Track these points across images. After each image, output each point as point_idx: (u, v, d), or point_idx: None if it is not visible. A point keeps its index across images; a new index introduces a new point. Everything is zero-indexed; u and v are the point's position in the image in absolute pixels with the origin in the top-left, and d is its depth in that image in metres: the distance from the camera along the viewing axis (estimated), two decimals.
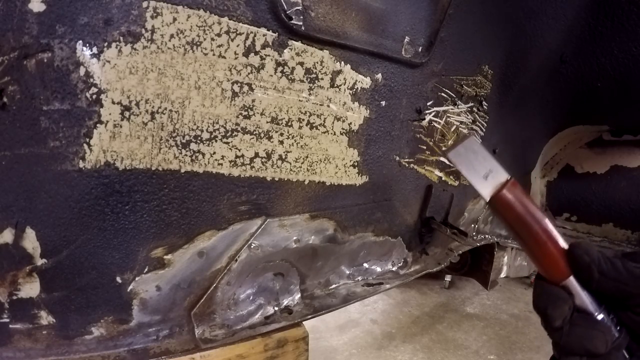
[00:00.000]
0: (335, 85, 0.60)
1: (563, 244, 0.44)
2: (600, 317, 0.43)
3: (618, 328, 0.43)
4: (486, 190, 0.47)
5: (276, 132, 0.56)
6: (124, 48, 0.43)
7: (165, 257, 0.53)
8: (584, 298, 0.44)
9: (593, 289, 0.44)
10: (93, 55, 0.42)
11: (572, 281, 0.44)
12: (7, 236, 0.44)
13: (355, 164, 0.68)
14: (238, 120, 0.53)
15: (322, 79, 0.58)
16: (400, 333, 2.58)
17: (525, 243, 0.45)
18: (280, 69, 0.54)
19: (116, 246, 0.49)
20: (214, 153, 0.52)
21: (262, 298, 0.64)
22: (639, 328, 0.44)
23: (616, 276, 0.43)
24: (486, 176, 0.48)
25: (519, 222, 0.45)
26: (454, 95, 0.80)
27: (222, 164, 0.53)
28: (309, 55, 0.56)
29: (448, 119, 0.79)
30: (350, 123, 0.64)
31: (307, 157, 0.61)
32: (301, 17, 0.52)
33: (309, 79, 0.57)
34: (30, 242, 0.45)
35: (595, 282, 0.44)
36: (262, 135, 0.55)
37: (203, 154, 0.51)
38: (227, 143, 0.53)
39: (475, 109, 0.86)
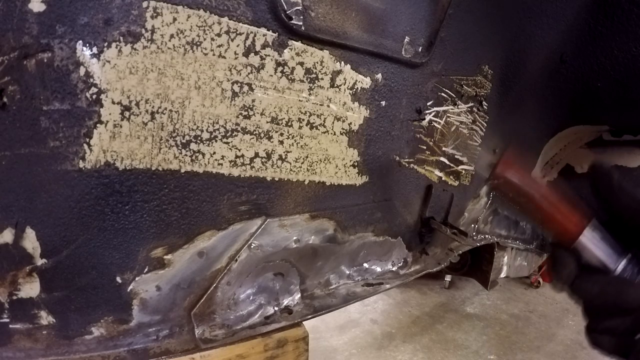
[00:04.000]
0: (335, 85, 0.60)
1: (566, 205, 0.46)
2: (619, 269, 0.43)
3: None
4: (491, 162, 0.51)
5: (276, 132, 0.56)
6: (124, 48, 0.43)
7: (165, 257, 0.53)
8: (600, 253, 0.44)
9: (612, 204, 0.44)
10: (93, 55, 0.42)
11: (583, 238, 0.44)
12: (7, 236, 0.44)
13: (355, 164, 0.68)
14: (238, 120, 0.53)
15: (322, 79, 0.58)
16: (400, 333, 2.58)
17: (533, 209, 0.47)
18: (280, 69, 0.54)
19: (116, 246, 0.49)
20: (214, 153, 0.52)
21: (262, 298, 0.64)
22: None
23: (635, 194, 0.43)
24: (495, 149, 0.53)
25: (527, 187, 0.47)
26: (454, 95, 0.80)
27: (222, 164, 0.53)
28: (309, 55, 0.56)
29: (448, 119, 0.79)
30: (350, 123, 0.64)
31: (307, 157, 0.61)
32: (301, 17, 0.52)
33: (309, 79, 0.57)
34: (30, 242, 0.45)
35: (615, 191, 0.43)
36: (262, 135, 0.55)
37: (203, 154, 0.51)
38: (227, 143, 0.53)
39: (475, 109, 0.86)
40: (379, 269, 0.83)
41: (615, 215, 0.45)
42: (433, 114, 0.77)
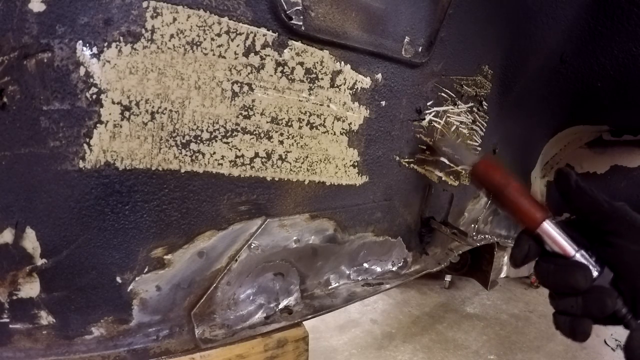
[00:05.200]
0: (335, 85, 0.60)
1: (531, 196, 0.52)
2: (578, 256, 0.48)
3: (599, 268, 0.47)
4: (468, 162, 0.60)
5: (276, 132, 0.56)
6: (124, 48, 0.43)
7: (165, 257, 0.53)
8: (560, 240, 0.49)
9: (571, 202, 0.50)
10: (93, 55, 0.42)
11: (545, 225, 0.49)
12: (7, 236, 0.44)
13: (355, 164, 0.68)
14: (238, 120, 0.53)
15: (322, 79, 0.58)
16: (400, 333, 2.58)
17: (504, 203, 0.53)
18: (280, 69, 0.54)
19: (116, 246, 0.49)
20: (214, 153, 0.52)
21: (262, 298, 0.64)
22: (619, 263, 0.47)
23: (592, 194, 0.48)
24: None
25: (496, 186, 0.53)
26: (454, 95, 0.80)
27: (222, 164, 0.53)
28: (309, 55, 0.56)
29: (448, 119, 0.79)
30: (350, 123, 0.64)
31: (307, 157, 0.61)
32: (301, 17, 0.52)
33: (309, 79, 0.57)
34: (30, 242, 0.45)
35: (572, 191, 0.49)
36: (262, 135, 0.55)
37: (203, 154, 0.51)
38: (227, 143, 0.53)
39: (475, 109, 0.86)
40: (379, 269, 0.83)
41: (575, 212, 0.50)
42: (433, 114, 0.77)
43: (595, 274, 0.47)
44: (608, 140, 1.22)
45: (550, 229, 0.49)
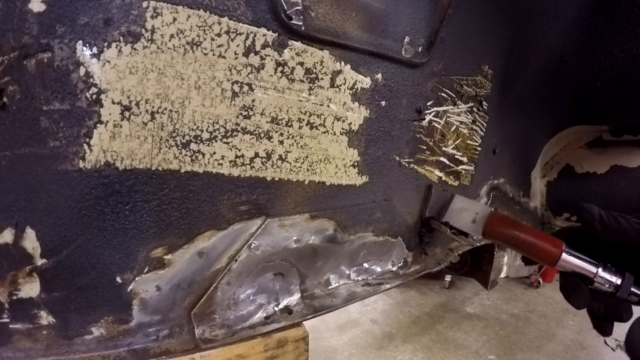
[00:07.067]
0: (335, 85, 0.60)
1: (543, 234, 0.57)
2: (600, 271, 0.54)
3: (620, 275, 0.53)
4: (478, 231, 0.67)
5: (276, 132, 0.56)
6: (124, 48, 0.43)
7: (165, 257, 0.53)
8: (581, 263, 0.55)
9: (599, 238, 0.55)
10: (93, 55, 0.42)
11: (564, 258, 0.55)
12: (7, 236, 0.44)
13: (355, 164, 0.68)
14: (238, 120, 0.53)
15: (322, 79, 0.58)
16: (400, 333, 2.58)
17: (521, 249, 0.59)
18: (280, 69, 0.54)
19: (116, 246, 0.49)
20: (214, 153, 0.52)
21: (262, 298, 0.64)
22: None
23: (618, 228, 0.53)
24: (474, 220, 0.70)
25: (510, 238, 0.60)
26: (454, 95, 0.80)
27: (222, 164, 0.53)
28: (309, 55, 0.56)
29: (448, 119, 0.79)
30: (350, 123, 0.64)
31: (307, 157, 0.61)
32: (301, 17, 0.52)
33: (309, 79, 0.57)
34: (30, 242, 0.45)
35: (599, 233, 0.54)
36: (262, 135, 0.55)
37: (203, 154, 0.51)
38: (227, 143, 0.53)
39: (475, 109, 0.86)
40: (379, 269, 0.83)
41: (601, 241, 0.55)
42: (433, 114, 0.77)
43: (618, 281, 0.52)
44: (608, 140, 1.22)
45: (569, 257, 0.55)
